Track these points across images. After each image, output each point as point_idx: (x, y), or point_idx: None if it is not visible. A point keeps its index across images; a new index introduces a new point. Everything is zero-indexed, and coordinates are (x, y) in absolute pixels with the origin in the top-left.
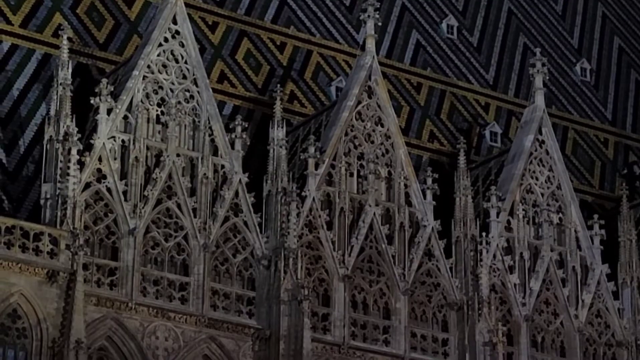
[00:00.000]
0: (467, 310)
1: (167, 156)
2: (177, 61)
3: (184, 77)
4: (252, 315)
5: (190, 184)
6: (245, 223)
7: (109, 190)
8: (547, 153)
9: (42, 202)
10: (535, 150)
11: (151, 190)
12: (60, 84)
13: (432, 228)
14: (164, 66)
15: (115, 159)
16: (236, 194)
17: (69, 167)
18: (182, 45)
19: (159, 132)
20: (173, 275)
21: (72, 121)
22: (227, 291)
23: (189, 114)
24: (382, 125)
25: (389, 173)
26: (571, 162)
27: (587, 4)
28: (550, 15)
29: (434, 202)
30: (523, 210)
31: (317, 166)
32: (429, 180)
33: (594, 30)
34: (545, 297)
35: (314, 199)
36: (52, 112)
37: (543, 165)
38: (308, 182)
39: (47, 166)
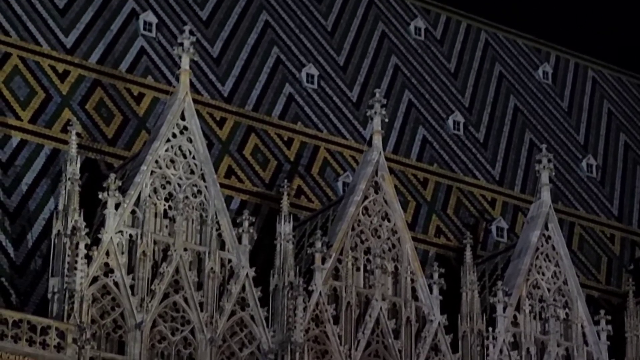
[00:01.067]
0: None
1: (175, 250)
2: (185, 156)
3: (192, 172)
4: None
5: (197, 278)
6: (252, 317)
7: (116, 284)
8: (554, 248)
9: (49, 296)
10: (542, 246)
11: (158, 284)
12: (69, 179)
13: (439, 323)
14: (172, 161)
15: (122, 253)
16: (243, 288)
17: (76, 261)
18: (190, 141)
19: (167, 227)
20: None
21: (80, 216)
22: None
23: (196, 209)
24: (389, 220)
25: (396, 268)
26: (577, 258)
27: (592, 101)
28: (556, 112)
29: (441, 297)
30: (529, 305)
31: (323, 261)
32: (436, 275)
33: (599, 127)
34: None
35: (320, 294)
36: (60, 207)
37: (549, 261)
38: (315, 276)
39: (55, 260)
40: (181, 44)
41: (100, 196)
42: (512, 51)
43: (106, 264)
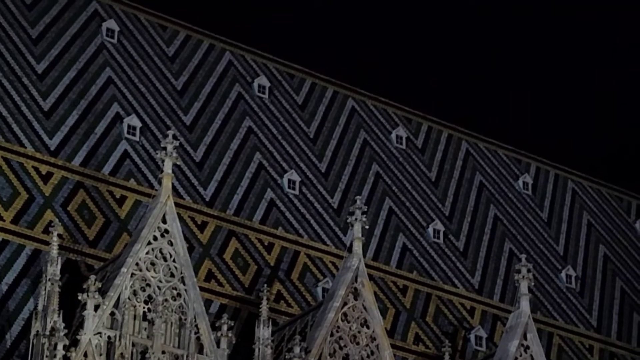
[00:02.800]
0: None
1: (153, 353)
2: (165, 259)
3: (172, 275)
4: None
5: None
6: None
7: None
8: (532, 358)
9: None
10: (520, 356)
11: None
12: (49, 279)
13: None
14: (152, 264)
15: (100, 354)
16: None
17: None
18: (171, 244)
19: (145, 329)
20: None
21: (59, 317)
22: None
23: (175, 312)
24: (368, 327)
25: None
26: None
27: (572, 212)
28: (536, 222)
29: None
30: None
31: None
32: None
33: (579, 238)
34: None
35: None
36: (40, 307)
37: None
38: None
39: None
40: (164, 148)
41: (79, 297)
42: (493, 161)
43: None
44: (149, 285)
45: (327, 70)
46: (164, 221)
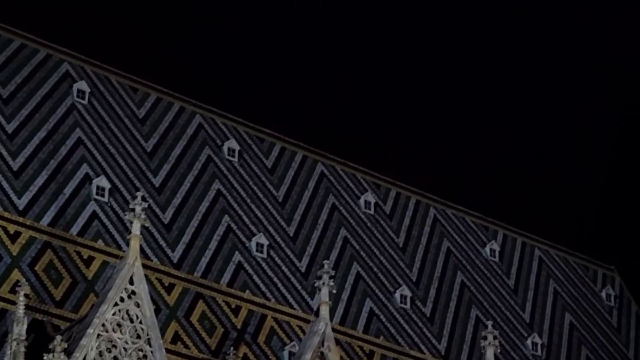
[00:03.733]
0: None
1: None
2: (132, 321)
3: (138, 336)
4: None
5: None
6: None
7: None
8: None
9: None
10: None
11: None
12: (15, 339)
13: None
14: (119, 325)
15: None
16: None
17: None
18: (138, 305)
19: None
20: None
21: None
22: None
23: None
24: None
25: None
26: None
27: (539, 280)
28: (503, 289)
29: None
30: None
31: None
32: None
33: (545, 306)
34: None
35: None
36: None
37: None
38: None
39: None
40: (133, 210)
41: (45, 358)
42: (460, 228)
43: None
44: (115, 346)
45: (296, 134)
46: (131, 282)
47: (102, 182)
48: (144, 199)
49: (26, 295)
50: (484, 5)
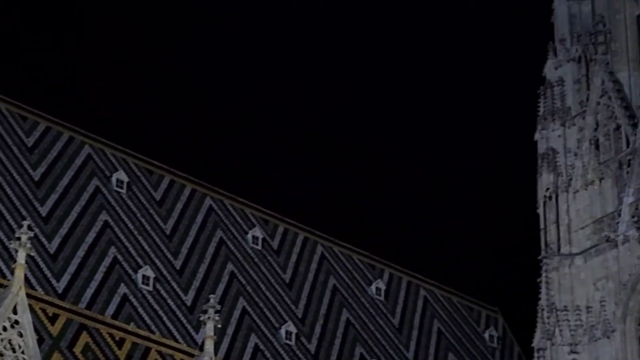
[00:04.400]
0: None
1: None
2: (14, 350)
3: None
4: None
5: None
6: None
7: None
8: None
9: None
10: None
11: None
12: None
13: None
14: (1, 355)
15: None
16: None
17: None
18: (21, 335)
19: None
20: None
21: None
22: None
23: None
24: None
25: None
26: None
27: (423, 320)
28: (387, 328)
29: None
30: None
31: None
32: None
33: (429, 345)
34: None
35: None
36: None
37: None
38: None
39: None
40: (18, 238)
41: None
42: (347, 266)
43: None
44: None
45: (185, 168)
46: (15, 312)
47: None
48: (30, 227)
49: None
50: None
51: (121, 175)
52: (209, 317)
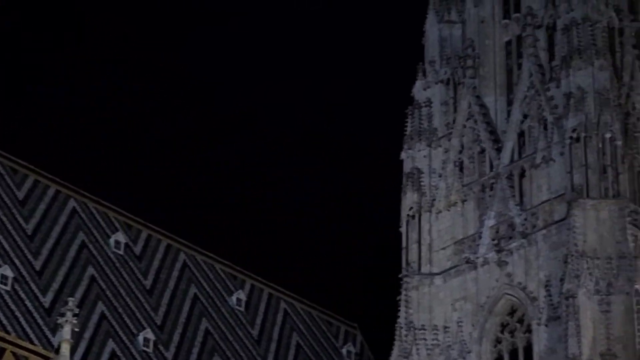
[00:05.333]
0: None
1: None
2: None
3: None
4: None
5: None
6: None
7: None
8: None
9: None
10: None
11: None
12: None
13: None
14: None
15: None
16: None
17: None
18: None
19: None
20: None
21: None
22: None
23: None
24: None
25: None
26: None
27: (282, 332)
28: (246, 339)
29: None
30: None
31: None
32: None
33: (287, 358)
34: None
35: None
36: None
37: None
38: None
39: None
40: None
41: None
42: (209, 275)
43: None
44: None
45: (50, 168)
46: None
47: None
48: None
49: None
50: None
51: None
52: (66, 320)
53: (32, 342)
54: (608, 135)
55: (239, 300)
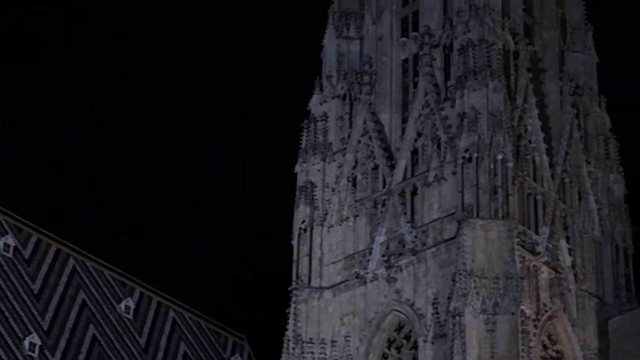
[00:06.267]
0: None
1: None
2: None
3: None
4: None
5: None
6: None
7: None
8: None
9: None
10: None
11: None
12: None
13: None
14: None
15: None
16: None
17: None
18: None
19: None
20: None
21: None
22: None
23: None
24: None
25: None
26: None
27: (170, 341)
28: (133, 347)
29: None
30: None
31: None
32: None
33: None
34: None
35: None
36: None
37: None
38: None
39: None
40: None
41: None
42: (98, 281)
43: None
44: None
45: None
46: None
47: None
48: None
49: None
50: None
51: None
52: None
53: None
54: (500, 157)
55: (127, 307)
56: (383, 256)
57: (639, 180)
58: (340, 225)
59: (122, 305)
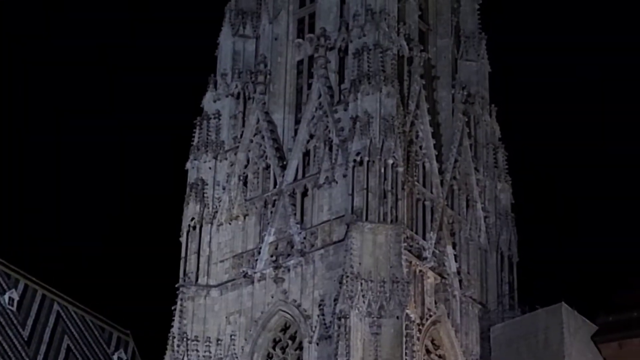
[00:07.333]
0: None
1: None
2: None
3: None
4: None
5: None
6: None
7: None
8: None
9: None
10: None
11: None
12: None
13: None
14: None
15: None
16: None
17: None
18: None
19: None
20: None
21: None
22: None
23: None
24: None
25: None
26: None
27: (54, 335)
28: (16, 340)
29: None
30: None
31: None
32: None
33: (56, 359)
34: None
35: None
36: None
37: None
38: None
39: None
40: None
41: None
42: None
43: None
44: None
45: None
46: None
47: None
48: None
49: None
50: None
51: None
52: None
53: None
54: (390, 161)
55: (11, 299)
56: (271, 256)
57: (525, 190)
58: (230, 223)
59: (6, 296)
